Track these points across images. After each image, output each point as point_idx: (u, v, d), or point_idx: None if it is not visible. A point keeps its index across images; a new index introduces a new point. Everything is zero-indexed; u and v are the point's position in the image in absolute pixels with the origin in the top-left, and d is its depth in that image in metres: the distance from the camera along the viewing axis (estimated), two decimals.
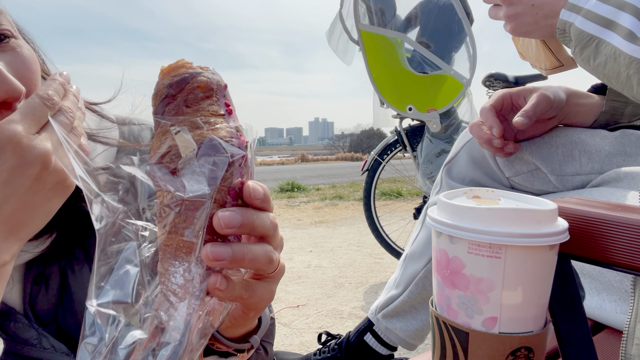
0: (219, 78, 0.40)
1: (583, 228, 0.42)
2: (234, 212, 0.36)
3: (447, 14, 2.68)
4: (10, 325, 0.55)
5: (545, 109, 0.89)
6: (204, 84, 0.39)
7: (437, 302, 0.43)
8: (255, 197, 0.38)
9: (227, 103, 0.40)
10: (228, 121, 0.39)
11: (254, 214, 0.38)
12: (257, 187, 0.38)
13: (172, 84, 0.38)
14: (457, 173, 1.06)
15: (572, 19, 0.75)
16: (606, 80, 0.75)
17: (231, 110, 0.40)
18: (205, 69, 0.40)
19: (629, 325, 0.48)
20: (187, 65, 0.39)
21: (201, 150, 0.36)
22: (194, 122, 0.37)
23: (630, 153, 0.91)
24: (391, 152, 2.89)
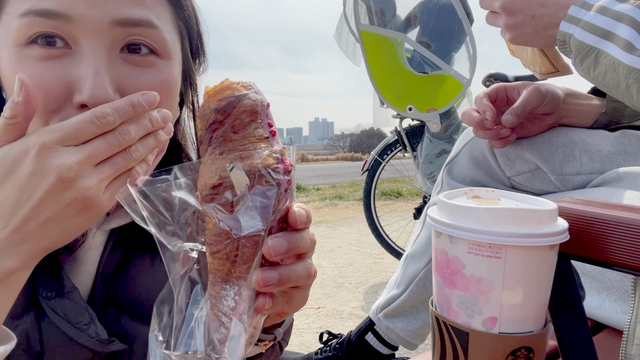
0: (262, 97, 0.40)
1: (583, 228, 0.42)
2: (281, 238, 0.38)
3: (447, 14, 2.68)
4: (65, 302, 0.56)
5: (537, 103, 0.89)
6: (249, 107, 0.39)
7: (437, 302, 0.43)
8: (300, 221, 0.40)
9: (270, 123, 0.40)
10: (272, 144, 0.39)
11: (298, 238, 0.40)
12: (301, 212, 0.40)
13: (219, 109, 0.39)
14: (458, 173, 1.06)
15: (572, 31, 0.76)
16: (607, 90, 0.76)
17: (274, 132, 0.40)
18: (249, 88, 0.40)
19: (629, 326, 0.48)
20: (233, 86, 0.40)
21: (253, 183, 0.38)
22: (243, 150, 0.38)
23: (631, 153, 0.91)
24: (391, 152, 2.89)
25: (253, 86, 0.41)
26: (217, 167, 0.38)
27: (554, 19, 0.80)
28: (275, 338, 0.56)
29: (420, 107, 2.69)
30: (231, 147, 0.38)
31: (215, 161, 0.38)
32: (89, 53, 0.49)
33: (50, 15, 0.47)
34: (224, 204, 0.37)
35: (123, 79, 0.51)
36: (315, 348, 1.48)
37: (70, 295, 0.56)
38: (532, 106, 0.89)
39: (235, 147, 0.38)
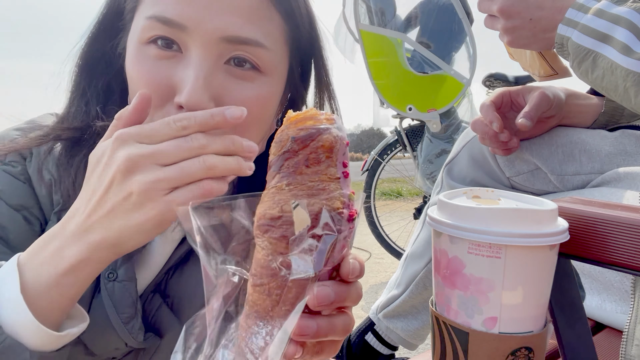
0: (343, 135, 0.38)
1: (583, 228, 0.42)
2: (329, 288, 0.36)
3: (447, 14, 2.68)
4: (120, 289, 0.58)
5: (545, 108, 0.89)
6: (328, 144, 0.37)
7: (437, 302, 0.43)
8: (353, 275, 0.38)
9: (345, 164, 0.38)
10: (343, 186, 0.37)
11: (346, 290, 0.38)
12: (355, 265, 0.38)
13: (297, 138, 0.37)
14: (458, 173, 1.06)
15: (569, 34, 0.76)
16: (605, 92, 0.76)
17: (347, 173, 0.38)
18: (332, 122, 0.38)
19: (629, 326, 0.49)
20: (316, 117, 0.38)
21: (313, 224, 0.35)
22: (311, 187, 0.36)
23: (631, 153, 0.91)
24: (391, 152, 2.89)
25: (337, 121, 0.38)
26: (280, 199, 0.36)
27: (551, 22, 0.80)
28: None
29: (420, 107, 2.69)
30: (300, 181, 0.36)
31: (280, 192, 0.36)
32: (195, 60, 0.53)
33: (170, 23, 0.52)
34: (279, 239, 0.36)
35: (221, 87, 0.54)
36: None
37: (126, 284, 0.59)
38: (542, 110, 0.89)
39: (304, 182, 0.36)
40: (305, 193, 0.36)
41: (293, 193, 0.36)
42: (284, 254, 0.36)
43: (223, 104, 0.54)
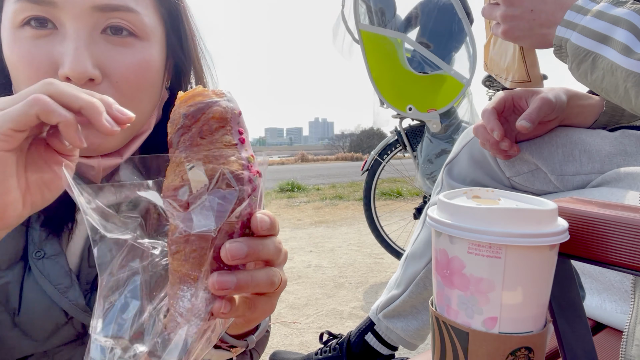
0: (234, 105, 0.41)
1: (583, 228, 0.42)
2: (241, 243, 0.38)
3: (447, 14, 2.68)
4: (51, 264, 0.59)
5: (547, 112, 0.89)
6: (218, 114, 0.39)
7: (437, 302, 0.43)
8: (262, 227, 0.39)
9: (241, 131, 0.41)
10: (240, 151, 0.40)
11: (260, 244, 0.40)
12: (264, 219, 0.40)
13: (187, 114, 0.39)
14: (458, 173, 1.06)
15: (568, 35, 0.76)
16: (604, 94, 0.76)
17: (244, 139, 0.40)
18: (221, 96, 0.40)
19: (629, 326, 0.49)
20: (204, 94, 0.40)
21: (212, 185, 0.38)
22: (207, 154, 0.38)
23: (631, 153, 0.91)
24: (391, 152, 2.89)
25: (227, 94, 0.41)
26: (180, 170, 0.39)
27: (551, 17, 0.79)
28: (247, 345, 0.55)
29: (420, 107, 2.69)
30: (197, 152, 0.39)
31: (179, 165, 0.39)
32: (71, 33, 0.55)
33: (39, 1, 0.53)
34: (185, 205, 0.38)
35: (103, 56, 0.56)
36: (315, 348, 1.48)
37: (56, 258, 0.59)
38: (544, 114, 0.88)
39: (200, 152, 0.39)
40: (202, 158, 0.38)
41: (191, 161, 0.38)
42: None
43: (107, 70, 0.56)
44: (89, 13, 0.55)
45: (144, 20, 0.59)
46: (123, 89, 0.58)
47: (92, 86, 0.56)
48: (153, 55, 0.61)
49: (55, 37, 0.55)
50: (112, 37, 0.57)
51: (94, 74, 0.55)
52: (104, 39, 0.57)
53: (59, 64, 0.54)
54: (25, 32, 0.55)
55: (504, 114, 0.94)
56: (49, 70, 0.55)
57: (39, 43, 0.55)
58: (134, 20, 0.58)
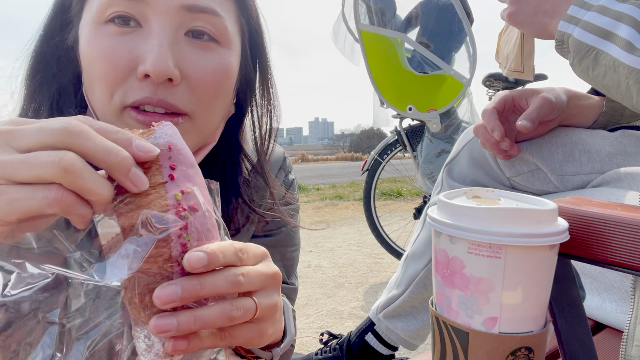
0: (165, 140, 0.39)
1: (583, 228, 0.42)
2: (173, 286, 0.36)
3: (447, 14, 2.68)
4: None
5: (547, 112, 0.89)
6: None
7: (437, 302, 0.43)
8: (194, 267, 0.37)
9: (172, 166, 0.39)
10: (169, 189, 0.38)
11: (199, 283, 0.37)
12: (194, 256, 0.37)
13: None
14: (458, 173, 1.06)
15: (571, 30, 0.75)
16: (605, 91, 0.75)
17: (173, 176, 0.38)
18: (148, 134, 0.39)
19: (628, 326, 0.49)
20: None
21: (132, 232, 0.37)
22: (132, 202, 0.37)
23: (631, 153, 0.91)
24: (391, 152, 2.89)
25: (156, 130, 0.40)
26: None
27: (555, 7, 0.79)
28: (272, 357, 0.54)
29: (420, 107, 2.69)
30: (122, 199, 0.38)
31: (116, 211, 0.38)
32: (157, 30, 0.54)
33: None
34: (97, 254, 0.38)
35: (184, 57, 0.56)
36: (315, 348, 1.48)
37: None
38: (544, 114, 0.88)
39: (125, 199, 0.38)
40: (125, 210, 0.37)
41: (120, 212, 0.37)
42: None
43: (187, 72, 0.56)
44: (176, 12, 0.55)
45: (226, 25, 0.59)
46: (200, 93, 0.58)
47: (169, 86, 0.56)
48: (232, 63, 0.61)
49: (139, 34, 0.55)
50: (194, 40, 0.57)
51: (174, 73, 0.54)
52: (186, 40, 0.57)
53: (139, 61, 0.54)
54: (108, 28, 0.55)
55: (504, 113, 0.94)
56: (128, 67, 0.54)
57: (121, 39, 0.55)
58: (217, 24, 0.58)
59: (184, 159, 0.40)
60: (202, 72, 0.57)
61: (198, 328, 0.37)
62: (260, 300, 0.42)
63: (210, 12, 0.57)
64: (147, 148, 0.38)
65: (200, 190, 0.40)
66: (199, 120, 0.59)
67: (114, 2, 0.54)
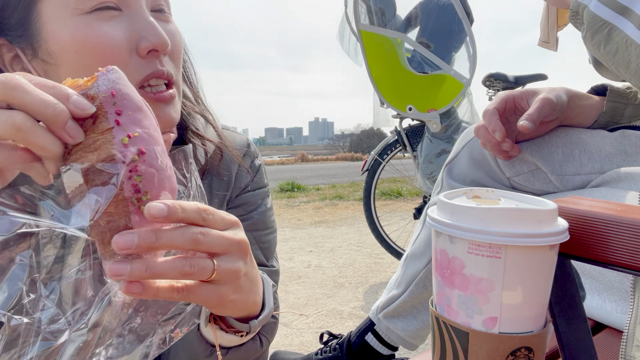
0: (108, 86, 0.40)
1: (583, 228, 0.42)
2: (131, 235, 0.38)
3: (447, 14, 2.68)
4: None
5: (548, 112, 0.88)
6: None
7: (437, 302, 0.43)
8: (153, 215, 0.38)
9: (118, 111, 0.39)
10: (116, 134, 0.39)
11: (155, 235, 0.39)
12: (153, 206, 0.38)
13: None
14: (458, 173, 1.06)
15: (587, 2, 0.73)
16: (615, 68, 0.73)
17: (118, 121, 0.39)
18: (92, 81, 0.40)
19: (628, 327, 0.48)
20: (74, 85, 0.40)
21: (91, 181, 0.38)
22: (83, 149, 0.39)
23: (631, 153, 0.91)
24: (391, 152, 2.89)
25: (100, 78, 0.40)
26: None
27: None
28: (250, 329, 0.55)
29: (420, 107, 2.69)
30: (71, 146, 0.39)
31: (65, 160, 0.39)
32: (139, 11, 0.59)
33: None
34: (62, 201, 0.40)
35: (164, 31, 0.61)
36: (315, 348, 1.48)
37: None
38: (545, 114, 0.88)
39: (78, 146, 0.39)
40: (74, 158, 0.39)
41: (73, 158, 0.39)
42: None
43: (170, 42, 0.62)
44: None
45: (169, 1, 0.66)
46: (176, 60, 0.64)
47: (164, 59, 0.61)
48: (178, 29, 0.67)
49: (123, 18, 0.58)
50: (159, 14, 0.63)
51: (171, 44, 0.60)
52: (154, 16, 0.62)
53: (136, 41, 0.58)
54: (96, 16, 0.57)
55: (505, 114, 0.94)
56: (128, 49, 0.57)
57: (112, 24, 0.57)
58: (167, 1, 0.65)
59: (129, 103, 0.40)
60: (176, 42, 0.63)
61: (149, 276, 0.39)
62: (220, 263, 0.43)
63: None
64: (83, 105, 0.38)
65: (150, 132, 0.41)
66: (178, 86, 0.65)
67: None
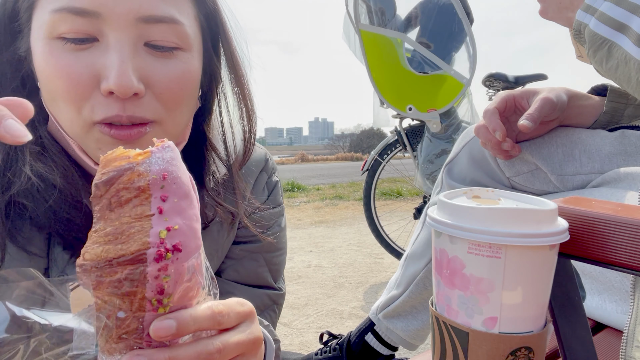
0: (160, 166, 0.36)
1: (583, 228, 0.42)
2: (142, 358, 0.35)
3: (447, 14, 2.68)
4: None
5: (549, 112, 0.89)
6: (130, 184, 0.35)
7: (437, 302, 0.43)
8: (160, 336, 0.35)
9: (164, 196, 0.36)
10: (155, 224, 0.35)
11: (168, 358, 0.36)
12: (159, 327, 0.35)
13: (98, 183, 0.36)
14: (458, 173, 1.06)
15: (587, 21, 0.74)
16: (618, 83, 0.75)
17: (161, 209, 0.35)
18: (145, 157, 0.36)
19: (628, 327, 0.48)
20: (123, 157, 0.36)
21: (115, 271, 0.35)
22: (108, 233, 0.35)
23: (631, 153, 0.91)
24: (391, 152, 2.89)
25: (154, 154, 0.36)
26: (86, 246, 0.36)
27: (574, 0, 0.79)
28: None
29: (420, 107, 2.69)
30: (102, 227, 0.35)
31: (90, 238, 0.36)
32: (115, 44, 0.53)
33: (82, 12, 0.51)
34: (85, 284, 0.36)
35: (146, 68, 0.55)
36: (315, 348, 1.48)
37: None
38: (545, 113, 0.88)
39: (105, 228, 0.35)
40: (103, 239, 0.35)
41: (94, 239, 0.35)
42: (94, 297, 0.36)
43: (151, 83, 0.55)
44: (133, 24, 0.53)
45: (186, 31, 0.57)
46: (166, 101, 0.57)
47: (136, 99, 0.54)
48: (194, 66, 0.59)
49: (96, 48, 0.53)
50: (154, 50, 0.56)
51: (139, 88, 0.53)
52: (146, 51, 0.55)
53: (101, 77, 0.53)
54: (63, 44, 0.52)
55: (505, 113, 0.94)
56: (91, 84, 0.53)
57: (79, 55, 0.53)
58: (177, 31, 0.56)
59: (177, 189, 0.36)
60: (167, 81, 0.56)
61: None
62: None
63: (169, 20, 0.55)
64: (16, 133, 0.35)
65: (192, 224, 0.37)
66: (167, 124, 0.59)
67: (65, 19, 0.51)
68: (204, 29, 0.63)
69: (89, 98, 0.53)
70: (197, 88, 0.62)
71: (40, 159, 0.57)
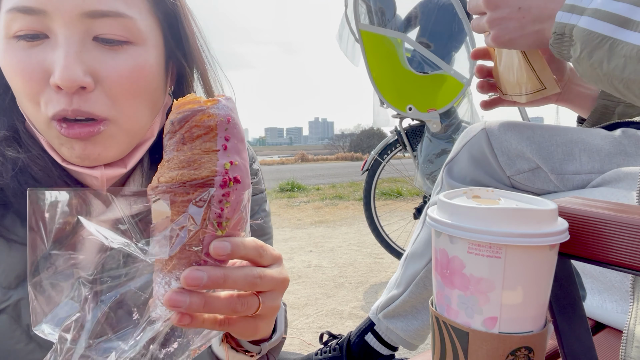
0: (225, 112, 0.42)
1: (583, 228, 0.42)
2: (201, 272, 0.40)
3: (447, 14, 2.68)
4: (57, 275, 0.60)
5: None
6: (202, 122, 0.42)
7: (437, 302, 0.43)
8: (218, 254, 0.41)
9: (227, 137, 0.42)
10: (221, 157, 0.42)
11: (223, 276, 0.41)
12: (218, 246, 0.41)
13: (174, 121, 0.42)
14: (458, 173, 1.06)
15: (574, 21, 0.69)
16: (623, 85, 0.66)
17: (226, 146, 0.42)
18: (213, 103, 0.42)
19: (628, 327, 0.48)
20: (195, 101, 0.42)
21: (187, 191, 0.41)
22: (183, 159, 0.41)
23: (631, 153, 0.91)
24: (391, 152, 2.89)
25: (221, 101, 0.43)
26: (159, 172, 0.42)
27: (543, 10, 0.73)
28: (260, 351, 0.56)
29: (420, 107, 2.69)
30: (176, 156, 0.42)
31: (161, 167, 0.42)
32: (62, 40, 0.54)
33: (30, 11, 0.53)
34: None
35: (95, 62, 0.56)
36: (315, 348, 1.48)
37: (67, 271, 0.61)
38: None
39: (179, 157, 0.41)
40: (177, 165, 0.41)
41: (168, 166, 0.42)
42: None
43: (100, 77, 0.56)
44: (78, 20, 0.54)
45: (137, 24, 0.57)
46: (117, 96, 0.58)
47: (84, 94, 0.55)
48: (148, 61, 0.60)
49: (47, 45, 0.55)
50: (103, 44, 0.57)
51: (85, 81, 0.54)
52: (95, 45, 0.56)
53: (50, 73, 0.54)
54: (17, 42, 0.55)
55: None
56: (42, 80, 0.55)
57: (31, 52, 0.55)
58: (125, 24, 0.57)
59: (237, 133, 0.43)
60: (117, 75, 0.57)
61: (204, 312, 0.42)
62: (265, 300, 0.45)
63: (115, 14, 0.56)
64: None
65: (246, 164, 0.44)
66: (123, 122, 0.59)
67: (16, 18, 0.54)
68: (163, 25, 0.63)
69: (43, 93, 0.55)
70: (155, 83, 0.62)
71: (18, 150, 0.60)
